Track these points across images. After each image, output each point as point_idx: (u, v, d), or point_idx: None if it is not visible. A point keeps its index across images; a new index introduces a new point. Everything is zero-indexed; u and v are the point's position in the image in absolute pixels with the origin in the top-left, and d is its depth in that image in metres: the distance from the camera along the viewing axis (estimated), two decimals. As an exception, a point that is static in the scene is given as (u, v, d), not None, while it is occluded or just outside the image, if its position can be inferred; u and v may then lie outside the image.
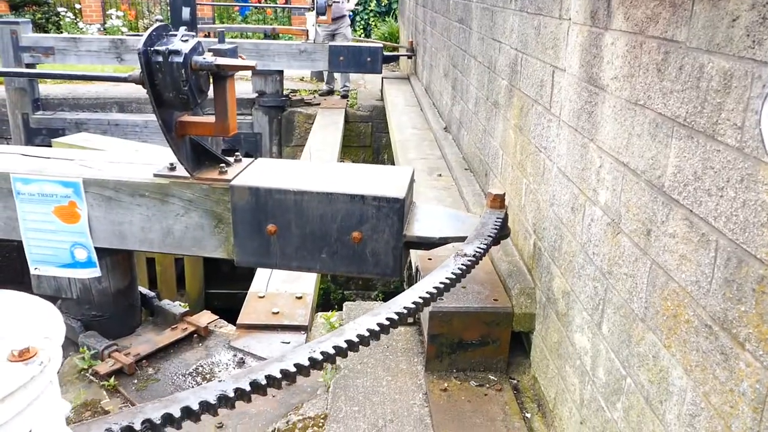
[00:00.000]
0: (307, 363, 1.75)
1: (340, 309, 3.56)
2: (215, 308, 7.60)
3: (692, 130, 1.58)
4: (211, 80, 2.76)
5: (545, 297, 2.79)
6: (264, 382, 1.64)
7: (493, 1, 4.12)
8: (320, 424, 2.62)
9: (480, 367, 2.92)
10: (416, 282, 3.01)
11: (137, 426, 1.45)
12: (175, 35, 2.64)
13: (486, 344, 2.90)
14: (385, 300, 8.43)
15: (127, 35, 12.11)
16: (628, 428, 1.93)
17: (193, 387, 3.00)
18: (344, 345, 1.87)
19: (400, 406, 2.68)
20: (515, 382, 2.91)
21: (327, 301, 8.14)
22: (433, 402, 2.69)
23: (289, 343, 3.24)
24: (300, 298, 3.62)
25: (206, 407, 1.57)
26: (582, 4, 2.41)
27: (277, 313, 3.46)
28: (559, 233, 2.64)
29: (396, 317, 2.05)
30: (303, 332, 3.35)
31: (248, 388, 1.62)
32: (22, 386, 0.93)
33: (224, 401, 1.59)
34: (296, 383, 1.80)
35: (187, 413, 1.53)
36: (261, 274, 3.91)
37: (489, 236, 2.76)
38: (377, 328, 1.96)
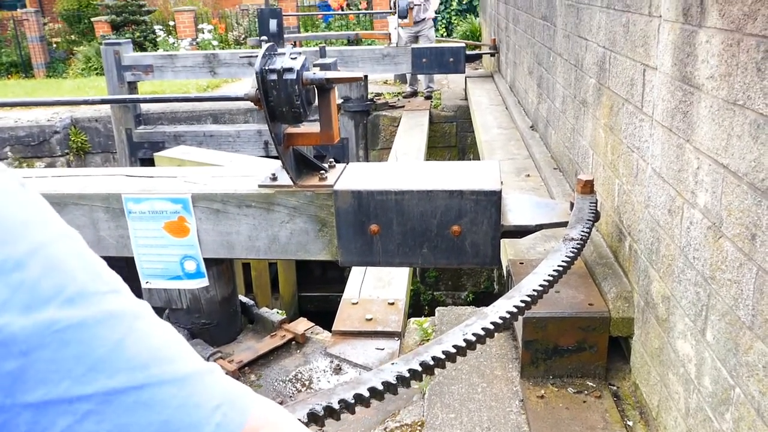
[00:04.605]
0: (407, 374, 1.81)
1: (430, 310, 3.61)
2: (308, 311, 7.82)
3: (798, 132, 1.51)
4: (316, 93, 2.89)
5: (643, 301, 2.72)
6: (367, 394, 1.71)
7: (578, -2, 4.03)
8: (417, 431, 2.67)
9: (577, 373, 2.88)
10: (509, 288, 3.01)
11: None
12: (284, 54, 2.78)
13: (583, 350, 2.85)
14: (475, 300, 8.40)
15: (218, 50, 12.64)
16: (738, 441, 1.86)
17: (293, 393, 3.13)
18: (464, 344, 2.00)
19: (496, 414, 2.69)
20: (615, 388, 2.85)
21: (417, 302, 8.20)
22: (530, 409, 2.68)
23: (383, 349, 3.31)
24: (392, 303, 3.69)
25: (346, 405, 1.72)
26: (673, 0, 2.33)
27: (371, 319, 3.54)
28: (656, 236, 2.56)
29: (529, 299, 2.24)
30: (396, 338, 3.41)
31: (352, 400, 1.70)
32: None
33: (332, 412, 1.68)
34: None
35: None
36: (353, 281, 4.01)
37: (588, 220, 2.85)
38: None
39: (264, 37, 9.05)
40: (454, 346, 1.95)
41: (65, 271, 0.53)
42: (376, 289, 3.87)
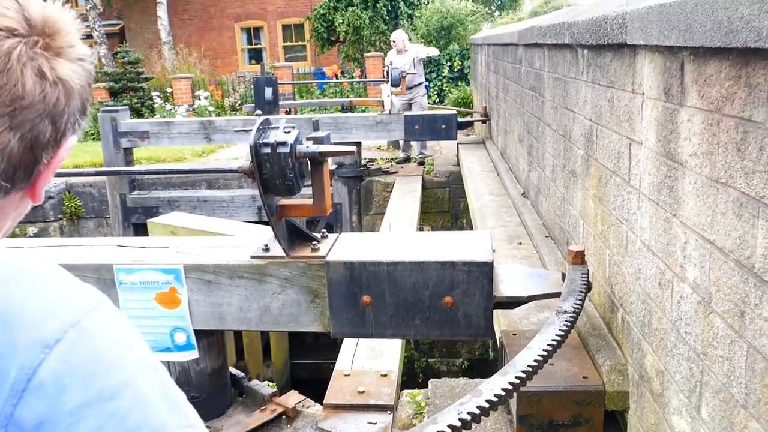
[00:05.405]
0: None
1: (425, 378, 3.55)
2: (300, 379, 7.66)
3: (780, 212, 1.54)
4: (309, 165, 2.93)
5: (638, 374, 2.69)
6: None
7: (564, 72, 4.16)
8: None
9: (573, 448, 2.82)
10: (503, 361, 2.99)
11: None
12: (277, 127, 2.83)
13: (578, 425, 2.80)
14: (470, 368, 8.26)
15: (214, 117, 12.85)
16: None
17: (283, 470, 3.04)
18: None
19: (490, 492, 2.62)
20: (611, 464, 2.79)
21: (411, 370, 8.07)
22: (524, 487, 2.61)
23: (375, 423, 3.24)
24: (385, 375, 3.63)
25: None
26: (654, 79, 2.41)
27: (363, 392, 3.48)
28: (648, 308, 2.56)
29: (524, 375, 2.22)
30: (389, 412, 3.34)
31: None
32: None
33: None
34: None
35: None
36: (345, 351, 3.96)
37: (581, 292, 2.85)
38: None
39: (258, 111, 9.26)
40: (449, 426, 1.91)
41: (150, 404, 0.60)
42: (369, 359, 3.82)
